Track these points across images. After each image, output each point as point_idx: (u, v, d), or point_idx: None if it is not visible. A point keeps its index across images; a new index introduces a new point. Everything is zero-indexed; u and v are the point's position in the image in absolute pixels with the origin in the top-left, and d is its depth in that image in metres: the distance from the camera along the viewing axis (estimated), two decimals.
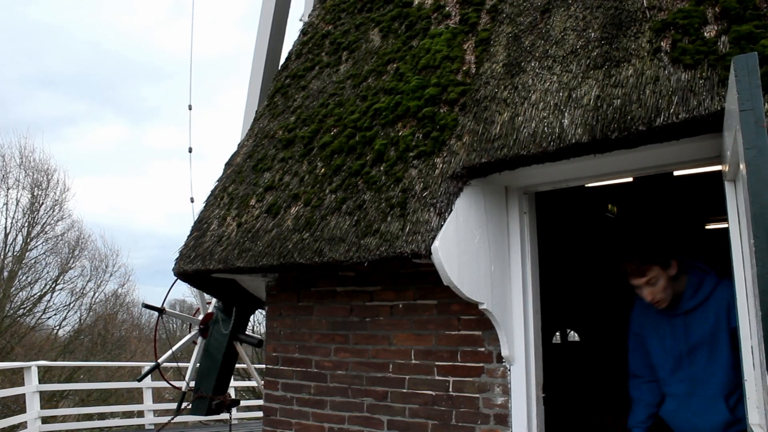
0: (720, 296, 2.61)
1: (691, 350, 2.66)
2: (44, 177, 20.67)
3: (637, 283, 2.70)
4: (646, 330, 2.85)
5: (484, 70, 3.10)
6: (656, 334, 2.80)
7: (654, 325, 2.81)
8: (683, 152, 2.49)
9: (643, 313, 2.87)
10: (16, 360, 15.46)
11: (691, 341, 2.65)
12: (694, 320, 2.66)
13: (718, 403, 2.59)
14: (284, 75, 4.60)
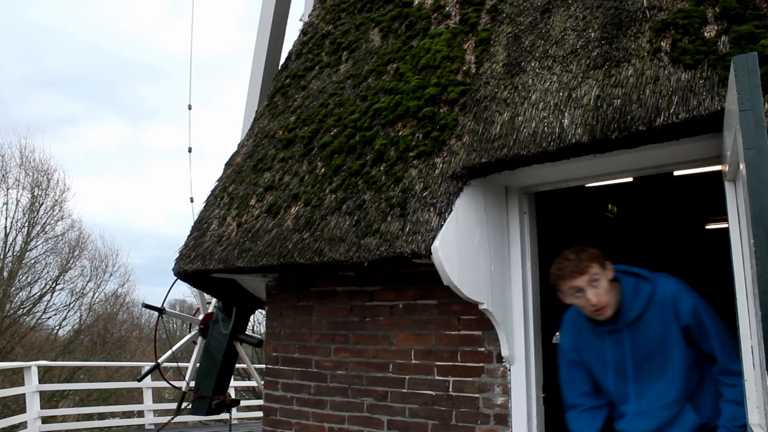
0: (662, 297, 2.37)
1: (643, 362, 2.40)
2: (44, 177, 20.68)
3: (577, 284, 2.31)
4: (586, 353, 2.53)
5: (484, 70, 3.10)
6: (599, 356, 2.48)
7: (594, 346, 2.49)
8: (683, 152, 2.49)
9: (578, 335, 2.55)
10: (16, 360, 15.46)
11: (642, 353, 2.39)
12: (640, 330, 2.38)
13: (683, 410, 2.39)
14: (284, 75, 4.60)
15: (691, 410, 2.37)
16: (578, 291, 2.32)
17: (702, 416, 2.37)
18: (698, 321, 2.32)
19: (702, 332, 2.33)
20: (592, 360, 2.51)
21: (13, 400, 13.87)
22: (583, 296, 2.32)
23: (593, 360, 2.50)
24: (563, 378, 2.61)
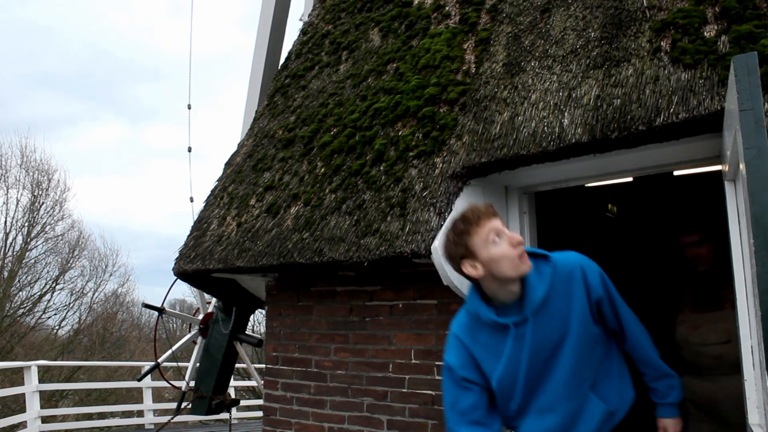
0: (567, 269, 2.02)
1: (546, 354, 2.02)
2: (45, 177, 20.67)
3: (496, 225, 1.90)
4: (485, 364, 2.06)
5: (484, 70, 3.10)
6: (497, 357, 2.04)
7: (491, 346, 2.05)
8: (683, 152, 2.49)
9: (474, 344, 2.08)
10: (15, 360, 15.46)
11: (551, 342, 2.01)
12: (545, 318, 2.00)
13: (588, 399, 2.07)
14: (284, 75, 4.60)
15: (597, 398, 2.06)
16: (497, 235, 1.88)
17: (609, 404, 2.06)
18: (608, 293, 2.04)
19: (612, 306, 2.06)
20: (488, 364, 2.05)
21: (13, 400, 13.86)
22: (504, 239, 1.88)
23: (490, 364, 2.05)
24: (449, 402, 2.10)
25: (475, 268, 1.90)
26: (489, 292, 1.97)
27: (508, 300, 1.96)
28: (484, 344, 2.05)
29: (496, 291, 1.95)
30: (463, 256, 1.91)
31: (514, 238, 1.88)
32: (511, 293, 1.95)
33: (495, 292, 1.96)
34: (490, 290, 1.96)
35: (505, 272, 1.88)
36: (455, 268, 1.97)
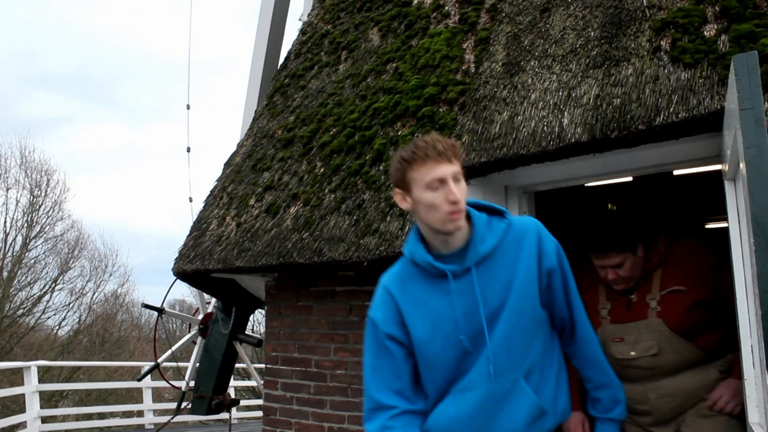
0: (522, 229, 1.80)
1: (488, 323, 1.74)
2: (44, 177, 20.66)
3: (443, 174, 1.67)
4: (409, 312, 1.78)
5: (484, 70, 3.10)
6: (427, 315, 1.76)
7: (423, 301, 1.77)
8: (683, 151, 2.49)
9: (400, 288, 1.81)
10: (15, 360, 15.45)
11: (488, 307, 1.74)
12: (489, 275, 1.75)
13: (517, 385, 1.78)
14: (283, 74, 4.60)
15: (528, 389, 1.79)
16: (440, 182, 1.66)
17: (541, 399, 1.80)
18: (562, 268, 1.82)
19: (565, 287, 1.84)
20: (417, 328, 1.77)
21: (13, 400, 13.86)
22: (444, 190, 1.66)
23: (418, 324, 1.77)
24: (370, 365, 1.81)
25: (404, 200, 1.73)
26: (425, 234, 1.76)
27: (445, 250, 1.74)
28: (414, 298, 1.78)
29: (429, 235, 1.75)
30: (398, 184, 1.73)
31: (453, 195, 1.65)
32: (444, 243, 1.74)
33: (428, 235, 1.75)
34: (424, 232, 1.76)
35: (429, 220, 1.69)
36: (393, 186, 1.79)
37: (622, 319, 2.47)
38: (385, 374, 1.79)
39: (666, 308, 2.38)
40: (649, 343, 2.38)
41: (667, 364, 2.38)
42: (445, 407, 1.79)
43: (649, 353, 2.37)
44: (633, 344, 2.41)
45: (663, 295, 2.39)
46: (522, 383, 1.77)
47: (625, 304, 2.47)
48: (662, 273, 2.41)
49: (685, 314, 2.34)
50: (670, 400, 2.41)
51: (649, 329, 2.39)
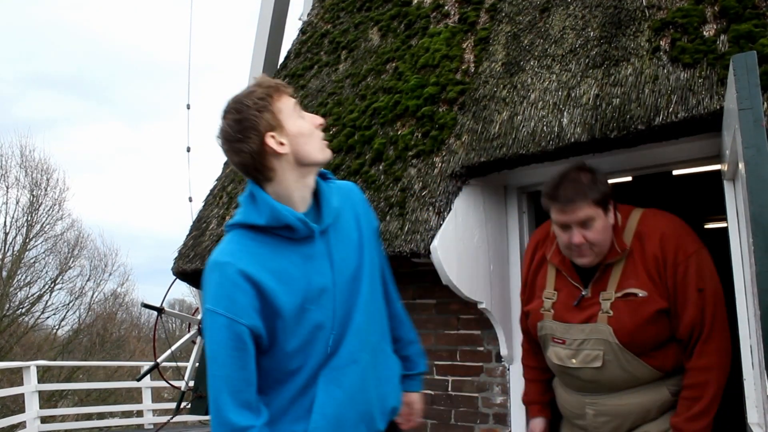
0: (345, 189, 1.73)
1: (354, 286, 1.62)
2: (44, 176, 20.66)
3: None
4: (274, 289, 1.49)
5: (483, 69, 3.10)
6: (296, 290, 1.52)
7: (286, 272, 1.52)
8: (682, 151, 2.49)
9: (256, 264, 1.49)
10: (15, 360, 15.45)
11: (350, 268, 1.62)
12: (342, 234, 1.63)
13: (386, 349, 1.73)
14: (283, 74, 4.60)
15: (389, 349, 1.74)
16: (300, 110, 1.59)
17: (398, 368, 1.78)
18: (378, 233, 1.81)
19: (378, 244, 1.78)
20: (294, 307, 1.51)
21: (12, 400, 13.86)
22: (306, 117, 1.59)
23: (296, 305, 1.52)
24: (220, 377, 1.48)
25: (281, 144, 1.50)
26: (281, 191, 1.54)
27: (302, 204, 1.57)
28: (275, 272, 1.50)
29: (293, 187, 1.54)
30: (270, 127, 1.49)
31: (315, 118, 1.58)
32: (308, 190, 1.58)
33: (290, 189, 1.54)
34: (283, 188, 1.54)
35: (311, 152, 1.54)
36: (252, 148, 1.48)
37: (567, 317, 2.06)
38: (238, 383, 1.48)
39: (619, 314, 1.96)
40: (594, 353, 1.99)
41: (611, 379, 2.02)
42: (327, 396, 1.56)
43: (592, 365, 2.00)
44: (575, 351, 2.03)
45: (618, 297, 1.98)
46: (385, 347, 1.71)
47: (574, 298, 2.06)
48: (624, 268, 2.00)
49: (640, 327, 1.94)
50: (609, 420, 2.07)
51: (595, 336, 1.98)
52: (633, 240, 2.01)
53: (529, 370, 2.42)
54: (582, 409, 2.13)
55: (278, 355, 1.53)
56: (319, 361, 1.56)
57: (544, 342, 2.16)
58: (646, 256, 1.99)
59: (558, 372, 2.17)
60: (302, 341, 1.53)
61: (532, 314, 2.21)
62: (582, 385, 2.10)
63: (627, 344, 1.95)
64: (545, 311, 2.13)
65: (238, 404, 1.46)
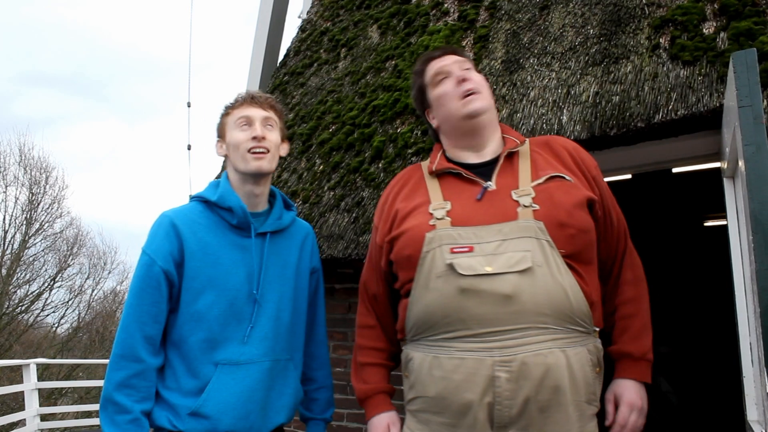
0: (302, 225, 1.94)
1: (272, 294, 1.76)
2: (43, 175, 20.64)
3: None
4: (194, 253, 1.68)
5: (483, 67, 3.10)
6: (214, 265, 1.69)
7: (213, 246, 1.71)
8: (682, 149, 2.49)
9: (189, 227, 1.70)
10: (14, 357, 15.46)
11: (273, 276, 1.77)
12: (281, 247, 1.82)
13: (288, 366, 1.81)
14: (282, 72, 4.60)
15: (295, 371, 1.84)
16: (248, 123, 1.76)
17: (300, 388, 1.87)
18: (320, 274, 1.98)
19: (317, 285, 1.97)
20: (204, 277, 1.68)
21: (12, 398, 13.87)
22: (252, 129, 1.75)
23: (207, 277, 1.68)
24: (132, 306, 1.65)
25: (222, 148, 1.83)
26: (232, 183, 1.79)
27: (250, 207, 1.78)
28: (203, 242, 1.70)
29: (236, 185, 1.78)
30: (220, 134, 1.84)
31: (255, 131, 1.73)
32: (250, 197, 1.77)
33: (235, 186, 1.78)
34: (232, 181, 1.79)
35: (236, 162, 1.74)
36: (217, 145, 1.86)
37: (471, 218, 1.52)
38: (146, 316, 1.64)
39: (548, 201, 1.49)
40: (519, 255, 1.43)
41: (536, 296, 1.41)
42: (220, 383, 1.65)
43: (516, 269, 1.42)
44: (491, 256, 1.44)
45: (540, 184, 1.53)
46: (290, 368, 1.82)
47: (476, 193, 1.57)
48: (532, 160, 1.61)
49: (575, 209, 1.49)
50: (531, 388, 1.39)
51: (519, 234, 1.46)
52: (531, 145, 1.68)
53: (370, 352, 1.75)
54: (483, 382, 1.41)
55: (177, 313, 1.69)
56: (209, 343, 1.67)
57: (433, 260, 1.50)
58: (556, 151, 1.65)
59: (450, 302, 1.46)
60: (198, 312, 1.67)
61: (410, 233, 1.56)
62: (491, 315, 1.42)
63: (559, 236, 1.46)
64: (437, 220, 1.54)
65: (141, 335, 1.63)
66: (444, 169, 1.64)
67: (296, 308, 1.85)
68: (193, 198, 1.80)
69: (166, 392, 1.66)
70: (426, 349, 1.52)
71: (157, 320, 1.66)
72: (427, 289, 1.50)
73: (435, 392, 1.49)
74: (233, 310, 1.69)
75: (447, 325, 1.47)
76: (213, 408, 1.63)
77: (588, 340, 1.49)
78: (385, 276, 1.71)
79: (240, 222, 1.73)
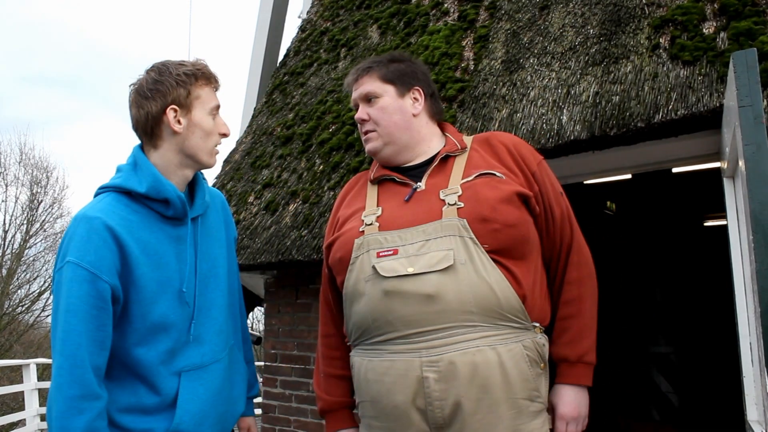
0: (215, 194, 1.75)
1: (215, 279, 1.62)
2: (43, 174, 20.65)
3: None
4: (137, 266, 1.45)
5: (483, 67, 3.10)
6: (158, 266, 1.49)
7: (153, 248, 1.49)
8: (682, 149, 2.49)
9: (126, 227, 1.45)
10: (15, 357, 15.45)
11: (210, 261, 1.62)
12: (207, 229, 1.64)
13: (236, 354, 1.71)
14: (282, 72, 4.59)
15: (241, 355, 1.74)
16: (217, 111, 1.60)
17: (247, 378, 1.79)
18: (235, 245, 1.82)
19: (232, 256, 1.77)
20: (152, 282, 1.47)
21: (12, 398, 13.86)
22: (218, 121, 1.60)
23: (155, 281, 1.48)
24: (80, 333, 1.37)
25: (178, 122, 1.51)
26: (161, 164, 1.54)
27: (181, 190, 1.57)
28: (142, 242, 1.46)
29: (171, 168, 1.54)
30: (177, 102, 1.51)
31: (224, 127, 1.59)
32: (183, 182, 1.57)
33: (169, 167, 1.54)
34: (163, 162, 1.54)
35: (198, 148, 1.54)
36: (152, 109, 1.51)
37: (398, 221, 1.53)
38: (93, 345, 1.38)
39: (473, 201, 1.47)
40: (441, 254, 1.43)
41: (461, 293, 1.40)
42: (190, 393, 1.51)
43: (438, 267, 1.41)
44: (414, 257, 1.45)
45: (468, 182, 1.52)
46: (238, 352, 1.71)
47: (404, 195, 1.59)
48: (468, 159, 1.60)
49: (499, 204, 1.46)
50: (461, 388, 1.38)
51: (442, 234, 1.45)
52: (473, 143, 1.67)
53: (331, 361, 1.70)
54: (413, 384, 1.41)
55: (127, 332, 1.45)
56: (163, 350, 1.49)
57: (362, 265, 1.52)
58: (495, 148, 1.63)
59: (377, 305, 1.46)
60: (155, 324, 1.47)
61: (342, 238, 1.59)
62: (416, 315, 1.41)
63: (482, 232, 1.44)
64: (366, 226, 1.56)
65: (91, 368, 1.37)
66: (380, 176, 1.67)
67: (232, 285, 1.70)
68: (106, 188, 1.53)
69: (126, 417, 1.45)
70: (363, 354, 1.53)
71: (104, 347, 1.40)
72: (357, 294, 1.51)
73: (371, 396, 1.50)
74: (187, 311, 1.53)
75: (377, 328, 1.47)
76: (190, 422, 1.49)
77: (524, 336, 1.45)
78: (330, 281, 1.71)
79: (177, 213, 1.52)
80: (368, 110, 1.67)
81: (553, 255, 1.61)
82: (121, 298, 1.43)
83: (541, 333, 1.51)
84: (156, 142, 1.53)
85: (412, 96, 1.67)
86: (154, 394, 1.47)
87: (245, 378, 1.74)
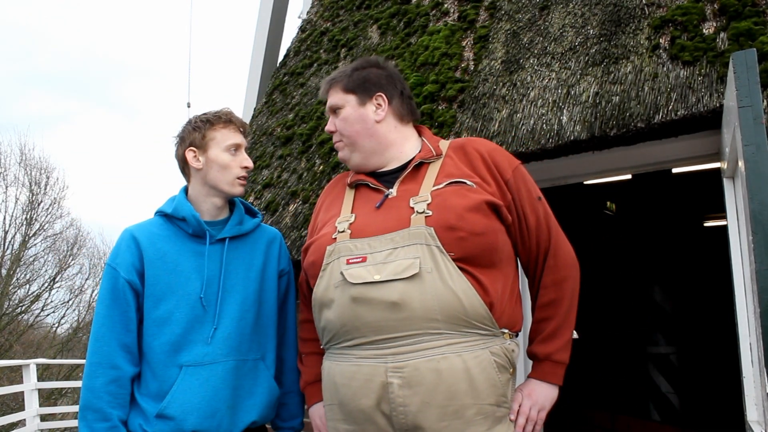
0: (268, 231, 1.99)
1: (231, 293, 1.82)
2: (43, 175, 20.64)
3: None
4: (153, 263, 1.77)
5: (483, 67, 3.10)
6: (173, 273, 1.77)
7: (170, 257, 1.79)
8: (682, 149, 2.49)
9: (149, 239, 1.80)
10: (14, 358, 15.45)
11: (235, 281, 1.83)
12: (243, 252, 1.88)
13: (258, 366, 1.85)
14: (282, 72, 4.60)
15: (268, 370, 1.87)
16: (236, 149, 1.85)
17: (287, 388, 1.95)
18: (290, 273, 2.02)
19: (288, 289, 2.00)
20: (164, 285, 1.76)
21: (12, 398, 13.86)
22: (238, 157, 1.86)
23: (167, 284, 1.76)
24: (103, 316, 1.74)
25: (197, 160, 1.83)
26: (193, 194, 1.87)
27: (209, 215, 1.87)
28: (161, 252, 1.79)
29: (200, 198, 1.86)
30: (194, 144, 1.83)
31: (246, 161, 1.86)
32: (213, 208, 1.87)
33: (198, 197, 1.86)
34: (194, 192, 1.87)
35: (218, 180, 1.82)
36: (179, 153, 1.88)
37: (368, 228, 1.56)
38: (117, 326, 1.74)
39: (441, 209, 1.50)
40: (407, 262, 1.45)
41: (426, 302, 1.42)
42: (184, 384, 1.71)
43: (404, 275, 1.44)
44: (381, 264, 1.48)
45: (438, 189, 1.54)
46: (261, 367, 1.86)
47: (377, 201, 1.62)
48: (441, 167, 1.62)
49: (466, 213, 1.48)
50: (425, 395, 1.41)
51: (409, 242, 1.48)
52: (448, 150, 1.69)
53: (308, 343, 1.83)
54: (377, 389, 1.45)
55: (145, 322, 1.77)
56: (174, 346, 1.74)
57: (331, 271, 1.56)
58: (470, 156, 1.64)
59: (345, 311, 1.50)
60: (161, 318, 1.75)
61: (315, 244, 1.64)
62: (382, 322, 1.45)
63: (448, 240, 1.46)
64: (339, 234, 1.60)
65: (117, 344, 1.72)
66: (356, 181, 1.72)
67: (263, 309, 1.89)
68: (156, 213, 1.91)
69: (139, 397, 1.74)
70: (332, 357, 1.59)
71: (129, 328, 1.75)
72: (327, 300, 1.56)
73: (338, 399, 1.54)
74: (195, 314, 1.76)
75: (345, 333, 1.51)
76: (177, 409, 1.68)
77: (492, 342, 1.48)
78: (306, 276, 1.77)
79: (195, 230, 1.82)
80: (335, 121, 1.73)
81: (530, 260, 1.66)
82: (139, 291, 1.77)
83: (510, 339, 1.54)
84: (188, 178, 1.89)
85: (375, 102, 1.69)
86: (154, 379, 1.73)
87: (267, 389, 1.86)
